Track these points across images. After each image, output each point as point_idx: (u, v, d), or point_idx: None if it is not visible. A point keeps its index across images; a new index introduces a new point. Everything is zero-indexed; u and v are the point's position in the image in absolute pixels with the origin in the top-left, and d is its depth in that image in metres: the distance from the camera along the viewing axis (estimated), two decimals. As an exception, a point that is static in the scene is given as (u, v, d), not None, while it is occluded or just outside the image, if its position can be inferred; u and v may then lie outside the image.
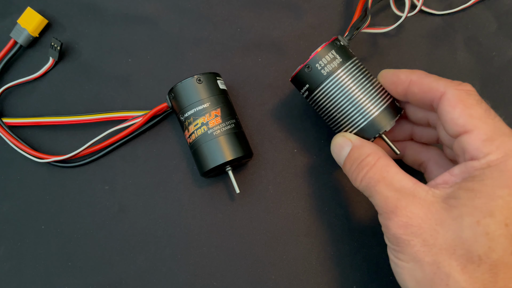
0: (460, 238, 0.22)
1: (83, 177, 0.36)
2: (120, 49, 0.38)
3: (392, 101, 0.30)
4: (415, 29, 0.39)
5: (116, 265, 0.34)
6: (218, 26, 0.39)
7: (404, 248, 0.24)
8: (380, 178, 0.26)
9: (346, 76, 0.29)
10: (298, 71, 0.30)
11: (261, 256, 0.34)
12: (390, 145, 0.30)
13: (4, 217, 0.36)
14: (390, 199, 0.25)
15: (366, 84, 0.29)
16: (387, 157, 0.27)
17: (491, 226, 0.22)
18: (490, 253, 0.22)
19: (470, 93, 0.25)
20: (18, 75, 0.38)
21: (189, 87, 0.32)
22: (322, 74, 0.29)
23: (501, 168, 0.23)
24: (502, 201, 0.22)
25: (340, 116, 0.30)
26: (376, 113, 0.29)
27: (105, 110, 0.37)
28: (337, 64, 0.29)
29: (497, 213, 0.22)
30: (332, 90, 0.29)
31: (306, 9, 0.39)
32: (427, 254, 0.23)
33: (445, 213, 0.23)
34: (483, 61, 0.38)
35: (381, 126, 0.29)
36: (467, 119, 0.24)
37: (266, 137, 0.36)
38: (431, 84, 0.27)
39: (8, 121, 0.36)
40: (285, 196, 0.35)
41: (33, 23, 0.37)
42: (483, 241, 0.22)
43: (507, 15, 0.39)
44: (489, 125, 0.24)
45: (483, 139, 0.24)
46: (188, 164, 0.36)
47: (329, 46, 0.30)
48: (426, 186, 0.25)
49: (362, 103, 0.29)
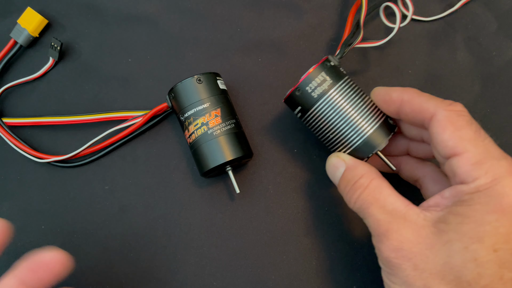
0: (449, 263, 0.22)
1: (83, 177, 0.36)
2: (120, 49, 0.38)
3: (385, 119, 0.30)
4: (415, 29, 0.39)
5: (116, 265, 0.34)
6: (218, 26, 0.39)
7: (396, 272, 0.24)
8: (373, 201, 0.26)
9: (338, 96, 0.29)
10: (289, 94, 0.31)
11: (261, 256, 0.34)
12: (386, 162, 0.30)
13: (4, 217, 0.35)
14: (382, 222, 0.25)
15: (358, 103, 0.29)
16: (380, 178, 0.27)
17: (480, 252, 0.22)
18: (479, 279, 0.22)
19: (460, 113, 0.25)
20: (18, 75, 0.38)
21: (189, 87, 0.32)
22: (313, 97, 0.29)
23: (489, 193, 0.23)
24: (490, 227, 0.22)
25: (334, 136, 0.30)
26: (369, 132, 0.29)
27: (105, 110, 0.37)
28: (328, 86, 0.29)
29: (485, 239, 0.22)
30: (324, 112, 0.29)
31: (306, 9, 0.39)
32: (417, 278, 0.23)
33: (435, 238, 0.23)
34: (483, 61, 0.38)
35: (375, 144, 0.29)
36: (457, 141, 0.24)
37: (266, 137, 0.36)
38: (422, 104, 0.26)
39: (8, 121, 0.36)
40: (285, 196, 0.35)
41: (33, 23, 0.37)
42: (471, 267, 0.22)
43: (507, 15, 0.39)
44: (479, 148, 0.24)
45: (473, 162, 0.24)
46: (188, 164, 0.36)
47: (319, 68, 0.30)
48: (418, 209, 0.25)
49: (355, 123, 0.29)
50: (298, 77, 0.36)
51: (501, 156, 0.24)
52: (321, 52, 0.38)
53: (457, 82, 0.38)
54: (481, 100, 0.37)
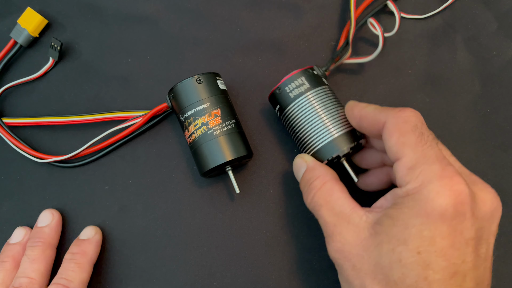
0: (379, 264, 0.24)
1: (83, 177, 0.36)
2: (120, 49, 0.38)
3: (352, 128, 0.31)
4: (415, 29, 0.39)
5: (116, 265, 0.34)
6: (218, 26, 0.39)
7: (340, 271, 0.27)
8: (323, 203, 0.28)
9: (312, 99, 0.31)
10: (271, 93, 0.33)
11: (261, 256, 0.34)
12: (349, 171, 0.32)
13: (4, 217, 0.36)
14: (329, 224, 0.27)
15: (330, 109, 0.31)
16: (334, 181, 0.28)
17: (404, 253, 0.23)
18: (404, 279, 0.23)
19: (407, 119, 0.26)
20: (18, 75, 0.38)
21: (189, 87, 0.32)
22: (290, 97, 0.32)
23: (416, 197, 0.23)
24: (415, 230, 0.23)
25: (302, 136, 0.32)
26: (333, 136, 0.30)
27: (105, 110, 0.37)
28: (304, 90, 0.32)
29: (409, 241, 0.23)
30: (297, 112, 0.32)
31: (306, 9, 0.39)
32: (356, 277, 0.25)
33: (371, 239, 0.25)
34: (483, 61, 0.38)
35: (336, 148, 0.30)
36: (399, 147, 0.25)
37: (266, 137, 0.36)
38: (375, 116, 0.27)
39: (8, 121, 0.36)
40: (285, 196, 0.35)
41: (33, 23, 0.37)
42: (397, 267, 0.23)
43: (507, 15, 0.39)
44: (417, 153, 0.24)
45: (408, 167, 0.24)
46: (188, 164, 0.36)
47: (300, 73, 0.32)
48: (362, 211, 0.26)
49: (322, 126, 0.31)
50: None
51: (436, 160, 0.24)
52: (321, 52, 0.38)
53: (457, 82, 0.38)
54: (481, 100, 0.37)
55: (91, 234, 0.33)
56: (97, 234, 0.33)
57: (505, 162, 0.36)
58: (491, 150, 0.36)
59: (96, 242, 0.33)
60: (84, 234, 0.33)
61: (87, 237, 0.33)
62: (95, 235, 0.33)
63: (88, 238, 0.33)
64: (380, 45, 0.34)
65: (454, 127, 0.37)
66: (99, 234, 0.34)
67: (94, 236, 0.33)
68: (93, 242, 0.33)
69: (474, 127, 0.37)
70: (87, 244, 0.32)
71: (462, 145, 0.36)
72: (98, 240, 0.33)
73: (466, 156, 0.36)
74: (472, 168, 0.36)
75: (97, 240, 0.33)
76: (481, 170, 0.36)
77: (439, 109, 0.37)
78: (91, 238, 0.33)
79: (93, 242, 0.33)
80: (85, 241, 0.33)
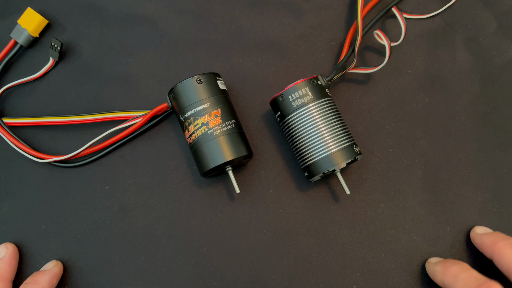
0: None
1: (83, 177, 0.36)
2: (120, 49, 0.39)
3: (351, 144, 0.32)
4: (415, 29, 0.39)
5: (116, 265, 0.34)
6: (218, 26, 0.39)
7: None
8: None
9: (314, 111, 0.31)
10: (274, 98, 0.33)
11: (261, 256, 0.34)
12: (342, 183, 0.32)
13: (4, 217, 0.36)
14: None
15: (331, 123, 0.31)
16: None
17: None
18: None
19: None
20: (18, 75, 0.38)
21: (189, 87, 0.32)
22: (292, 106, 0.32)
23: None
24: None
25: (300, 147, 0.32)
26: (332, 150, 0.31)
27: (105, 110, 0.37)
28: (307, 100, 0.32)
29: None
30: (297, 122, 0.32)
31: (306, 9, 0.39)
32: None
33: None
34: (483, 61, 0.38)
35: (333, 163, 0.31)
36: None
37: (266, 137, 0.36)
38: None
39: (8, 121, 0.36)
40: (285, 196, 0.35)
41: (33, 23, 0.37)
42: None
43: (507, 15, 0.39)
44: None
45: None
46: (188, 164, 0.36)
47: (304, 83, 0.32)
48: None
49: (322, 139, 0.31)
50: (298, 77, 0.36)
51: None
52: (321, 52, 0.38)
53: (457, 82, 0.38)
54: (481, 100, 0.37)
55: (49, 266, 0.34)
56: (56, 267, 0.33)
57: (504, 162, 0.36)
58: (491, 150, 0.36)
59: (53, 274, 0.33)
60: (44, 267, 0.34)
61: (45, 269, 0.33)
62: (53, 267, 0.33)
63: (45, 270, 0.33)
64: (387, 57, 0.34)
65: (454, 127, 0.37)
66: (58, 267, 0.34)
67: (52, 269, 0.33)
68: (48, 274, 0.33)
69: (473, 127, 0.37)
70: (41, 275, 0.32)
71: (462, 145, 0.36)
72: (56, 272, 0.33)
73: (466, 156, 0.36)
74: (472, 168, 0.36)
75: (54, 272, 0.33)
76: (481, 170, 0.36)
77: (439, 109, 0.37)
78: (48, 270, 0.33)
79: (48, 274, 0.33)
80: (41, 272, 0.33)
